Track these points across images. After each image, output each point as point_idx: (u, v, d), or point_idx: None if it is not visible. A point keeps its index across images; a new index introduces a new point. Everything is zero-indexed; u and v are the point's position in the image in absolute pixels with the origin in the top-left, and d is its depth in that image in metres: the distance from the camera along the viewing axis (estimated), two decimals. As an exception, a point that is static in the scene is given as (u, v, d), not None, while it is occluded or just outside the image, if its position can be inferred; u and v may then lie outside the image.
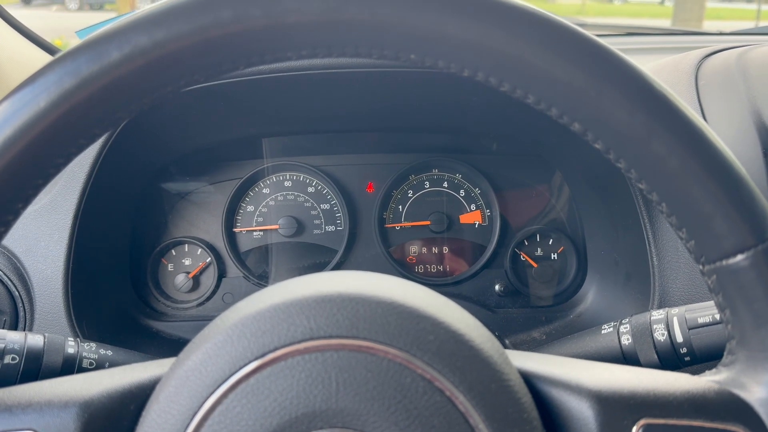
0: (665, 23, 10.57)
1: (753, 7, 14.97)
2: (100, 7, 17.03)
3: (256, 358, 0.38)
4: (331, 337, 0.39)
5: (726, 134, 0.79)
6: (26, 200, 0.38)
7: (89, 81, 0.36)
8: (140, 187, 0.96)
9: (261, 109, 0.93)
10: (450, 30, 0.37)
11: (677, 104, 0.37)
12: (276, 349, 0.38)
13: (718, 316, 0.59)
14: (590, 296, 0.95)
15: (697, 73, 0.87)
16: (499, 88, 0.38)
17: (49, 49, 1.23)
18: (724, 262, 0.37)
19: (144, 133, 0.84)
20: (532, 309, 0.98)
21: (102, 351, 0.67)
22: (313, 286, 0.43)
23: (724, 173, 0.37)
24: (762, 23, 10.60)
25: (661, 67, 0.95)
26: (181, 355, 0.42)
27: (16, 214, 0.38)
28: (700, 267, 0.39)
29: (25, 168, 0.37)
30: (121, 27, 0.37)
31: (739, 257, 0.36)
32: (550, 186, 1.00)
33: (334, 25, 0.37)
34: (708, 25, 9.79)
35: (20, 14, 1.11)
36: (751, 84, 0.80)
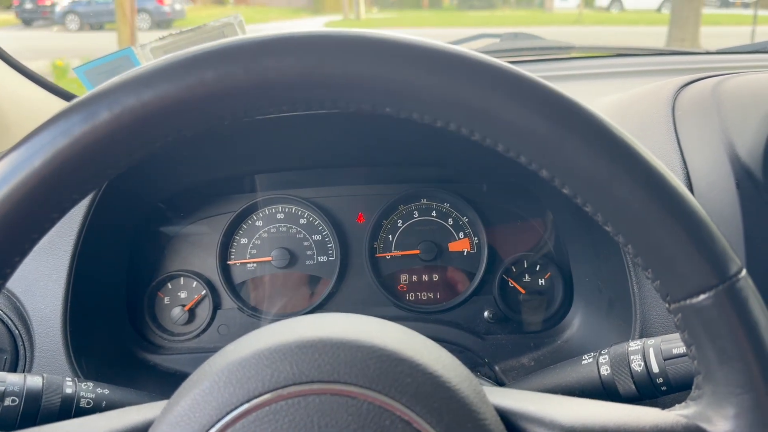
0: (662, 30, 10.57)
1: (749, 12, 14.97)
2: (100, 27, 17.11)
3: (242, 404, 0.40)
4: (313, 381, 0.41)
5: (701, 165, 0.81)
6: (23, 253, 0.40)
7: (81, 140, 0.38)
8: (135, 226, 0.98)
9: (251, 148, 0.95)
10: (421, 86, 0.39)
11: (637, 149, 0.39)
12: (261, 394, 0.41)
13: None
14: (576, 322, 0.97)
15: (674, 103, 0.89)
16: (471, 137, 0.40)
17: (49, 87, 1.26)
18: (688, 302, 0.39)
19: (136, 174, 0.87)
20: (520, 335, 0.99)
21: (99, 390, 0.69)
22: (296, 332, 0.45)
23: (685, 216, 0.39)
24: (759, 28, 10.60)
25: (641, 96, 0.97)
26: (172, 400, 0.44)
27: (13, 267, 0.40)
28: (667, 305, 0.41)
29: (21, 223, 0.39)
30: (110, 88, 0.39)
31: (702, 297, 0.38)
32: (535, 214, 1.02)
33: (311, 82, 0.39)
34: (705, 32, 9.78)
35: (21, 35, 1.12)
36: (725, 115, 0.82)
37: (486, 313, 1.00)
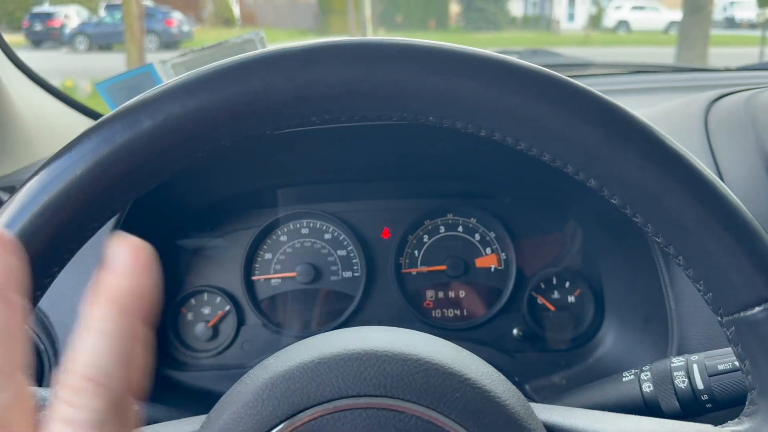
0: (670, 51, 10.63)
1: (757, 33, 15.05)
2: (108, 49, 17.35)
3: (287, 418, 0.39)
4: (359, 396, 0.40)
5: (738, 179, 0.80)
6: (62, 264, 0.40)
7: (123, 149, 0.38)
8: (159, 241, 0.97)
9: (275, 162, 0.95)
10: (467, 94, 0.39)
11: (689, 159, 0.38)
12: (306, 408, 0.40)
13: (737, 363, 0.59)
14: (609, 340, 0.95)
15: (706, 117, 0.88)
16: (516, 147, 0.40)
17: (72, 103, 1.26)
18: (741, 314, 0.38)
19: (161, 188, 0.86)
20: (551, 353, 0.98)
21: None
22: (340, 344, 0.44)
23: (739, 227, 0.38)
24: (767, 49, 10.64)
25: (670, 111, 0.96)
26: (212, 414, 0.43)
27: (52, 277, 0.40)
28: (719, 318, 0.40)
29: (62, 233, 0.38)
30: (153, 96, 0.39)
31: (757, 309, 0.38)
32: (565, 229, 1.01)
33: (357, 93, 0.39)
34: (713, 52, 9.83)
35: (30, 56, 1.13)
36: (760, 129, 0.81)
37: (515, 331, 0.99)
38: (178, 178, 0.90)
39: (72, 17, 19.42)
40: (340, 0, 25.76)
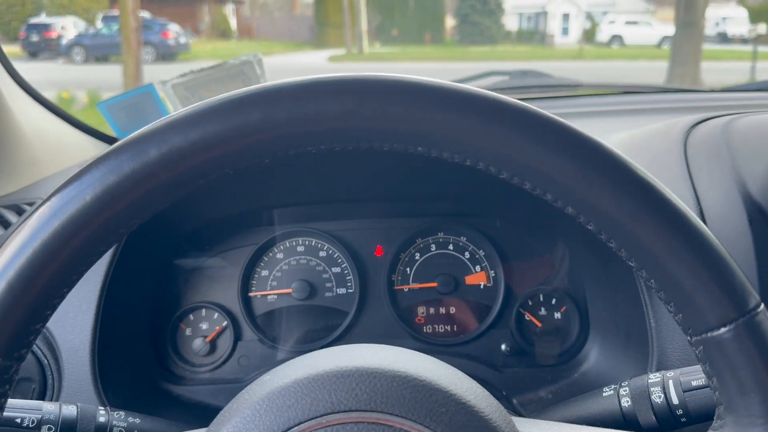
0: (662, 65, 10.69)
1: (748, 48, 15.17)
2: (105, 60, 17.33)
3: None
4: (350, 410, 0.43)
5: (714, 202, 0.83)
6: (71, 285, 0.43)
7: (130, 178, 0.41)
8: (160, 259, 1.00)
9: (272, 183, 0.98)
10: (451, 128, 0.42)
11: (658, 189, 0.41)
12: (300, 422, 0.43)
13: None
14: (593, 355, 0.98)
15: (686, 141, 0.92)
16: (498, 176, 0.43)
17: (73, 122, 1.29)
18: (709, 335, 0.41)
19: (159, 212, 0.89)
20: (538, 368, 1.00)
21: (131, 419, 0.70)
22: (333, 361, 0.47)
23: (704, 252, 0.41)
24: (759, 64, 10.71)
25: (652, 135, 1.00)
26: (212, 427, 0.46)
27: (62, 298, 0.43)
28: (688, 338, 0.43)
29: (72, 256, 0.41)
30: (159, 127, 0.42)
31: (723, 330, 0.41)
32: (551, 249, 1.04)
33: (350, 125, 0.42)
34: (705, 67, 9.89)
35: (27, 67, 1.15)
36: (736, 154, 0.85)
37: (503, 346, 1.02)
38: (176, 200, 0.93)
39: (69, 28, 19.41)
40: (336, 13, 25.87)
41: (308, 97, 0.41)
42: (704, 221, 0.83)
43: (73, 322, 0.84)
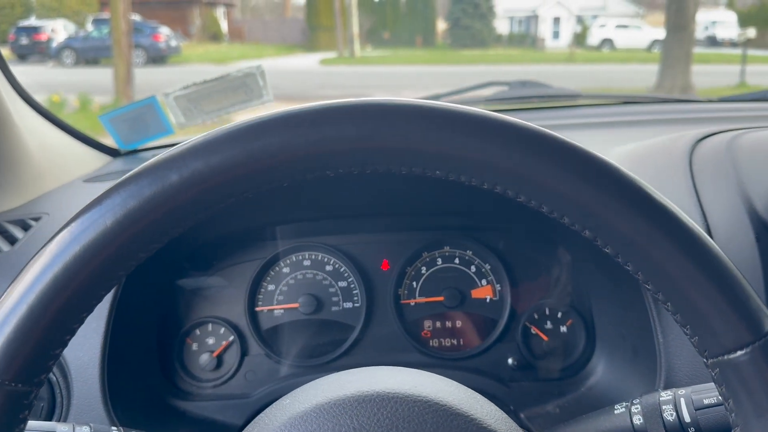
0: (653, 69, 10.77)
1: (738, 52, 15.29)
2: (96, 63, 17.26)
3: None
4: None
5: (721, 220, 0.84)
6: (90, 309, 0.43)
7: (150, 202, 0.41)
8: (167, 276, 1.00)
9: (279, 199, 0.98)
10: (470, 153, 0.42)
11: (674, 212, 0.42)
12: None
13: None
14: (600, 369, 0.98)
15: (691, 157, 0.92)
16: (516, 199, 0.43)
17: (74, 134, 1.29)
18: (725, 357, 0.42)
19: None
20: (544, 382, 1.01)
21: None
22: (354, 386, 0.48)
23: (720, 276, 0.41)
24: (748, 67, 10.80)
25: (656, 149, 1.01)
26: None
27: (81, 322, 0.43)
28: (704, 360, 0.43)
29: (92, 280, 0.41)
30: (179, 153, 0.42)
31: (739, 353, 0.41)
32: (557, 262, 1.04)
33: (367, 149, 0.42)
34: (695, 70, 9.97)
35: (16, 70, 1.15)
36: (742, 171, 0.86)
37: (510, 360, 1.02)
38: None
39: (59, 31, 19.33)
40: (328, 16, 25.89)
41: (327, 122, 0.41)
42: (711, 238, 0.83)
43: (82, 341, 0.84)
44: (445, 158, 0.42)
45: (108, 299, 0.85)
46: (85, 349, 0.84)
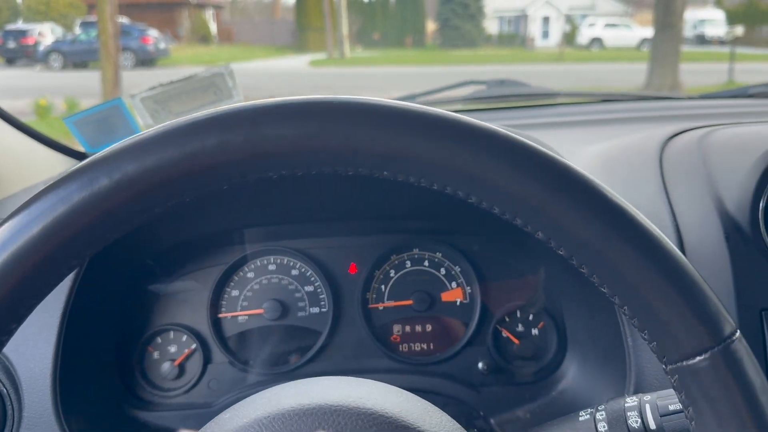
0: (642, 67, 10.82)
1: (726, 50, 15.38)
2: (83, 66, 17.21)
3: None
4: None
5: (690, 219, 0.82)
6: (20, 320, 0.40)
7: (80, 207, 0.38)
8: (124, 282, 0.97)
9: (241, 203, 0.95)
10: (417, 152, 0.40)
11: (629, 213, 0.40)
12: None
13: None
14: (571, 373, 0.96)
15: (661, 155, 0.90)
16: (467, 200, 0.41)
17: (36, 136, 1.26)
18: (684, 363, 0.39)
19: (125, 235, 0.87)
20: (515, 386, 0.99)
21: None
22: (295, 398, 0.45)
23: (678, 279, 0.39)
24: (736, 65, 10.86)
25: (628, 148, 0.99)
26: None
27: (10, 334, 0.40)
28: (663, 367, 0.41)
29: (20, 289, 0.38)
30: (110, 154, 0.39)
31: (698, 359, 0.39)
32: (528, 266, 1.02)
33: (310, 150, 0.40)
34: (684, 68, 10.03)
35: (3, 74, 1.12)
36: (712, 169, 0.84)
37: (480, 365, 1.00)
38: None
39: (46, 35, 19.26)
40: (317, 18, 25.90)
41: (267, 120, 0.39)
42: (681, 238, 0.81)
43: (33, 350, 0.81)
44: (392, 159, 0.40)
45: (60, 307, 0.82)
46: (36, 360, 0.81)
